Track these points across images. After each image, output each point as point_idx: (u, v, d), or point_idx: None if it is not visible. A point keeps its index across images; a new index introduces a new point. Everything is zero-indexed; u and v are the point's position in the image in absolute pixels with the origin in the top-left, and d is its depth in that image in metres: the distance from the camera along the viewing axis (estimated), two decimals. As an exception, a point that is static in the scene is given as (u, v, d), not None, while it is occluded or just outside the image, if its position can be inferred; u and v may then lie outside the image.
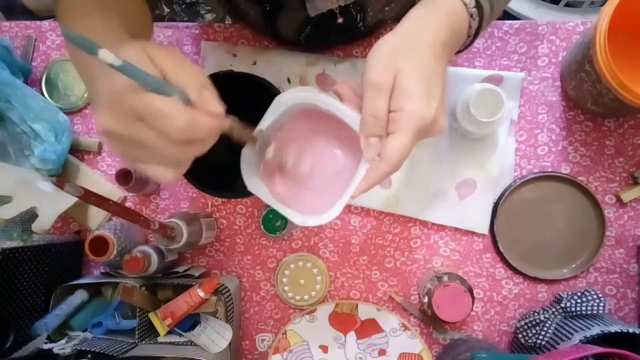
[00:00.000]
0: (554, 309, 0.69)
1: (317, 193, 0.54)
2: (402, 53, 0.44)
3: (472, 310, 0.66)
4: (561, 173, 0.73)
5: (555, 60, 0.74)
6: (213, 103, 0.37)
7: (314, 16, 0.62)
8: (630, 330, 0.59)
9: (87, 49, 0.32)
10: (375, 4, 0.66)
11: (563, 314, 0.69)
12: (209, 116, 0.37)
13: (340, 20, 0.63)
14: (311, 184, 0.55)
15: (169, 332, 0.69)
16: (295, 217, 0.51)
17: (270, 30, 0.70)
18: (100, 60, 0.32)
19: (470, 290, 0.66)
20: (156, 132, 0.35)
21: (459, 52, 0.52)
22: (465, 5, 0.47)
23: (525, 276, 0.74)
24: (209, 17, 1.47)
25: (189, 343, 0.68)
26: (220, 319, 0.71)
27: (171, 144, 0.36)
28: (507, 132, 0.73)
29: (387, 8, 0.68)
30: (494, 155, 0.73)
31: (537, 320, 0.69)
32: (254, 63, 0.77)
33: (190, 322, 0.71)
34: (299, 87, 0.49)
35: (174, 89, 0.35)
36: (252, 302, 0.79)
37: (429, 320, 0.75)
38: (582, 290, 0.68)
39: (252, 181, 0.52)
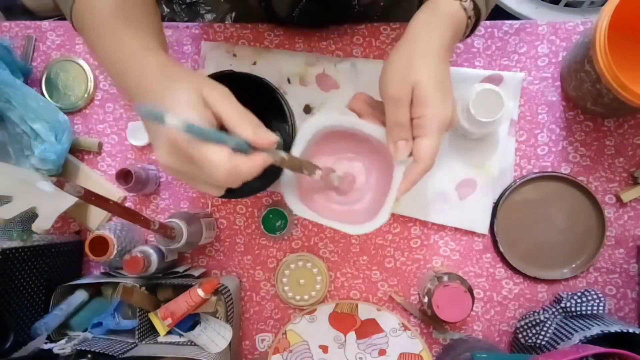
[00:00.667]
0: (554, 309, 0.69)
1: (352, 205, 0.59)
2: (415, 64, 0.48)
3: (472, 310, 0.66)
4: (561, 173, 0.73)
5: (555, 60, 0.74)
6: (268, 135, 0.42)
7: None
8: (630, 330, 0.59)
9: (156, 118, 0.36)
10: None
11: (563, 314, 0.69)
12: (251, 161, 0.42)
13: None
14: (351, 198, 0.60)
15: (169, 332, 0.69)
16: (350, 229, 0.55)
17: (264, 4, 0.70)
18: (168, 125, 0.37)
19: (470, 290, 0.66)
20: (206, 175, 0.41)
21: None
22: (465, 9, 0.51)
23: (525, 276, 0.74)
24: (209, 17, 1.47)
25: (189, 343, 0.68)
26: (220, 319, 0.71)
27: (220, 179, 0.41)
28: (507, 132, 0.73)
29: None
30: (494, 155, 0.73)
31: (537, 320, 0.69)
32: (254, 63, 0.77)
33: (190, 322, 0.71)
34: (322, 113, 0.57)
35: (232, 138, 0.40)
36: (252, 302, 0.79)
37: (429, 320, 0.75)
38: (582, 290, 0.68)
39: (299, 206, 0.56)
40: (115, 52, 0.46)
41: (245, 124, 0.41)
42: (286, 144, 0.58)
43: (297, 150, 0.54)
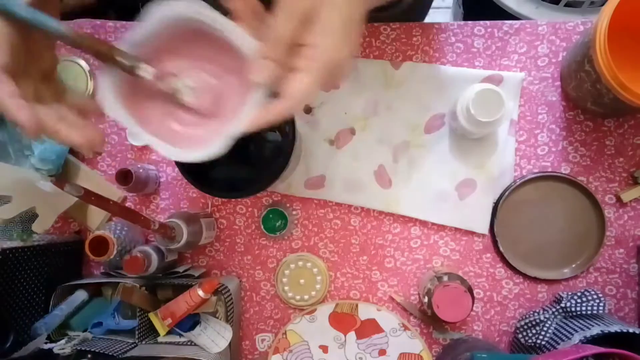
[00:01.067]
0: (554, 309, 0.69)
1: (195, 128, 0.45)
2: None
3: (472, 310, 0.66)
4: (561, 173, 0.73)
5: (555, 60, 0.74)
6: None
7: None
8: (630, 330, 0.59)
9: None
10: None
11: (563, 314, 0.69)
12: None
13: None
14: (198, 119, 0.45)
15: (169, 332, 0.69)
16: (173, 152, 0.43)
17: None
18: None
19: (470, 290, 0.66)
20: None
21: (384, 8, 0.46)
22: None
23: (525, 276, 0.74)
24: (209, 17, 1.47)
25: (189, 343, 0.68)
26: (220, 319, 0.71)
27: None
28: (507, 132, 0.73)
29: None
30: (494, 155, 0.73)
31: (537, 320, 0.69)
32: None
33: (190, 322, 0.71)
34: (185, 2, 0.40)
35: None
36: (252, 302, 0.79)
37: (429, 320, 0.75)
38: (582, 290, 0.68)
39: (115, 107, 0.43)
40: None
41: None
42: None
43: (132, 39, 0.41)
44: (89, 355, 0.65)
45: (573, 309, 0.67)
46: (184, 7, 0.40)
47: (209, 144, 0.42)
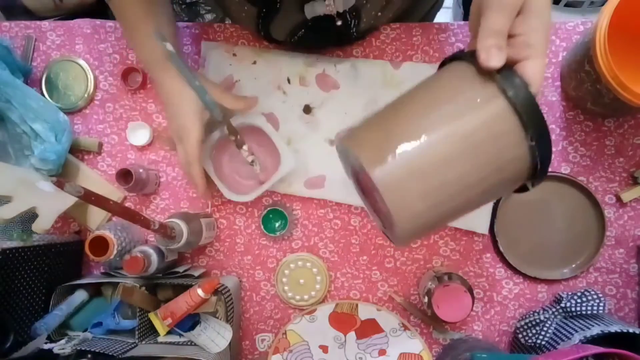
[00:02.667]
0: (554, 309, 0.69)
1: (247, 181, 0.76)
2: None
3: (472, 310, 0.66)
4: (561, 173, 0.73)
5: (555, 60, 0.74)
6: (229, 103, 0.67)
7: (309, 20, 0.62)
8: (630, 330, 0.59)
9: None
10: (369, 10, 0.66)
11: (563, 314, 0.69)
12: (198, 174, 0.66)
13: (339, 22, 0.64)
14: (249, 175, 0.75)
15: (169, 332, 0.69)
16: (227, 193, 0.72)
17: (263, 31, 0.71)
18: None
19: (470, 290, 0.66)
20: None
21: None
22: None
23: (525, 276, 0.74)
24: (209, 17, 1.47)
25: (189, 343, 0.68)
26: (220, 319, 0.71)
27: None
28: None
29: (380, 14, 0.69)
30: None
31: (537, 320, 0.69)
32: (254, 63, 0.77)
33: (190, 322, 0.71)
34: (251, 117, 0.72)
35: (210, 101, 0.63)
36: (252, 302, 0.79)
37: (429, 320, 0.75)
38: (582, 290, 0.68)
39: (207, 162, 0.72)
40: (137, 45, 0.66)
41: (239, 106, 0.68)
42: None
43: (235, 122, 0.70)
44: (89, 355, 0.65)
45: (573, 309, 0.67)
46: (260, 121, 0.72)
47: (254, 191, 0.72)
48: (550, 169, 0.74)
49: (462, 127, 0.41)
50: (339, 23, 0.64)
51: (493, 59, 0.41)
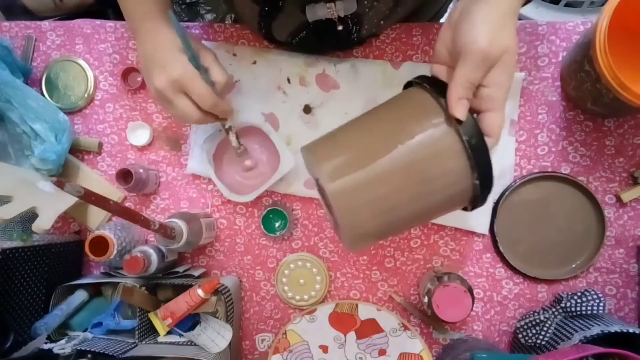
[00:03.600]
0: (554, 309, 0.69)
1: (247, 180, 0.76)
2: (507, 25, 0.46)
3: (472, 310, 0.66)
4: (561, 173, 0.73)
5: (555, 60, 0.74)
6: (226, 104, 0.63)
7: (311, 22, 0.62)
8: (630, 330, 0.59)
9: (183, 34, 0.57)
10: (371, 18, 0.66)
11: (563, 314, 0.69)
12: (226, 104, 0.62)
13: (340, 27, 0.64)
14: (249, 176, 0.76)
15: (169, 332, 0.69)
16: (227, 193, 0.72)
17: (264, 30, 0.71)
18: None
19: (470, 290, 0.66)
20: (191, 102, 0.58)
21: None
22: None
23: (525, 276, 0.74)
24: (209, 17, 1.48)
25: (189, 343, 0.69)
26: (220, 319, 0.71)
27: (197, 113, 0.59)
28: (507, 132, 0.73)
29: (382, 22, 0.69)
30: (494, 155, 0.72)
31: (537, 320, 0.69)
32: (254, 63, 0.77)
33: (190, 322, 0.71)
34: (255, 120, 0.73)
35: (202, 66, 0.59)
36: (252, 302, 0.79)
37: (429, 320, 0.75)
38: (582, 290, 0.68)
39: (203, 157, 0.73)
40: (133, 14, 0.62)
41: (221, 85, 0.61)
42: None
43: (236, 122, 0.70)
44: (89, 355, 0.65)
45: (573, 309, 0.67)
46: (259, 122, 0.72)
47: (254, 192, 0.72)
48: (550, 169, 0.74)
49: (416, 156, 0.47)
50: (340, 28, 0.64)
51: (461, 111, 0.45)
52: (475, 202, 0.50)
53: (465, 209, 0.53)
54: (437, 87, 0.48)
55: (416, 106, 0.49)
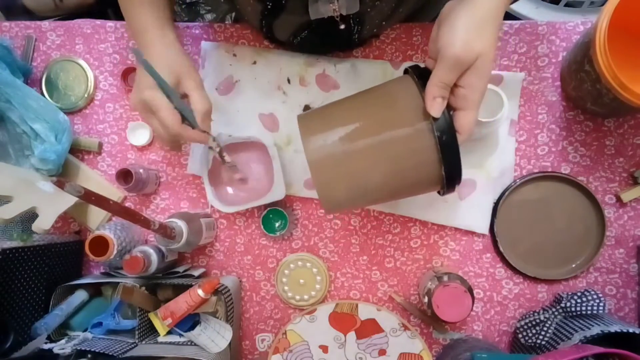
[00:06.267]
0: (554, 309, 0.69)
1: (240, 192, 0.76)
2: (484, 30, 0.48)
3: (472, 310, 0.66)
4: (561, 173, 0.73)
5: (555, 60, 0.74)
6: (206, 127, 0.60)
7: (313, 21, 0.62)
8: (630, 330, 0.59)
9: (142, 62, 0.55)
10: (373, 18, 0.66)
11: (563, 314, 0.69)
12: (194, 134, 0.59)
13: (342, 26, 0.64)
14: (242, 189, 0.76)
15: (169, 332, 0.69)
16: (217, 204, 0.72)
17: (265, 29, 0.71)
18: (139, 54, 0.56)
19: (470, 290, 0.66)
20: (159, 124, 0.58)
21: None
22: None
23: (525, 276, 0.74)
24: (209, 17, 1.47)
25: (189, 343, 0.68)
26: (220, 319, 0.71)
27: (167, 136, 0.59)
28: (507, 132, 0.73)
29: (384, 23, 0.69)
30: (493, 155, 0.73)
31: (537, 320, 0.69)
32: (254, 63, 0.77)
33: (190, 322, 0.71)
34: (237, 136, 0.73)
35: (186, 110, 0.58)
36: (252, 302, 0.79)
37: (429, 320, 0.75)
38: (582, 290, 0.68)
39: (203, 157, 0.74)
40: (133, 25, 0.62)
41: (200, 110, 0.59)
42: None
43: (221, 140, 0.72)
44: (89, 355, 0.65)
45: (573, 309, 0.67)
46: (268, 141, 0.72)
47: (244, 204, 0.72)
48: (550, 169, 0.74)
49: (393, 144, 0.52)
50: (342, 27, 0.64)
51: (436, 109, 0.49)
52: (443, 189, 0.56)
53: (438, 192, 0.59)
54: (425, 80, 0.51)
55: (402, 97, 0.53)
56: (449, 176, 0.53)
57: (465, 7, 0.48)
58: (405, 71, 0.57)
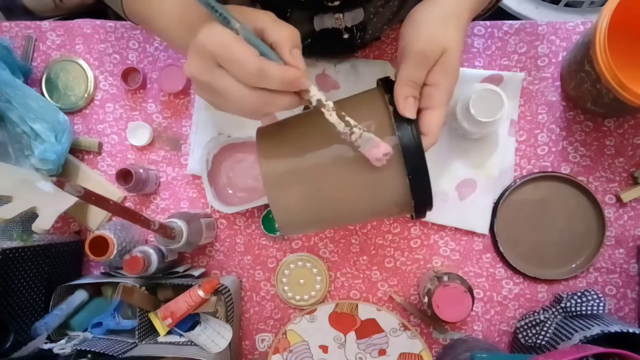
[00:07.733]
0: (554, 309, 0.69)
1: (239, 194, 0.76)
2: (449, 26, 0.46)
3: (472, 310, 0.66)
4: (561, 173, 0.73)
5: (555, 60, 0.74)
6: (298, 61, 0.42)
7: (317, 31, 0.62)
8: (630, 330, 0.59)
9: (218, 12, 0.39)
10: (376, 24, 0.66)
11: (563, 314, 0.69)
12: (283, 69, 0.40)
13: (346, 36, 0.64)
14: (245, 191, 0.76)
15: (169, 332, 0.69)
16: (216, 204, 0.73)
17: None
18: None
19: (470, 290, 0.66)
20: (232, 79, 0.39)
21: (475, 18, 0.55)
22: None
23: (525, 276, 0.74)
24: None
25: (189, 343, 0.68)
26: (220, 319, 0.71)
27: (244, 89, 0.39)
28: (507, 132, 0.73)
29: (385, 26, 0.69)
30: (494, 155, 0.73)
31: (537, 320, 0.69)
32: (254, 63, 0.77)
33: (190, 322, 0.71)
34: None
35: (261, 43, 0.41)
36: (252, 302, 0.79)
37: (429, 320, 0.75)
38: (582, 290, 0.68)
39: (202, 157, 0.73)
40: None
41: (285, 42, 0.42)
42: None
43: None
44: (89, 355, 0.65)
45: (573, 309, 0.67)
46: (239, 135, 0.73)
47: (244, 204, 0.73)
48: (550, 169, 0.74)
49: (353, 163, 0.46)
50: (346, 36, 0.64)
51: (409, 109, 0.45)
52: (412, 215, 0.51)
53: (411, 217, 0.53)
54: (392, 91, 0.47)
55: (366, 110, 0.48)
56: (417, 184, 0.47)
57: (429, 5, 0.48)
58: (377, 83, 0.54)
